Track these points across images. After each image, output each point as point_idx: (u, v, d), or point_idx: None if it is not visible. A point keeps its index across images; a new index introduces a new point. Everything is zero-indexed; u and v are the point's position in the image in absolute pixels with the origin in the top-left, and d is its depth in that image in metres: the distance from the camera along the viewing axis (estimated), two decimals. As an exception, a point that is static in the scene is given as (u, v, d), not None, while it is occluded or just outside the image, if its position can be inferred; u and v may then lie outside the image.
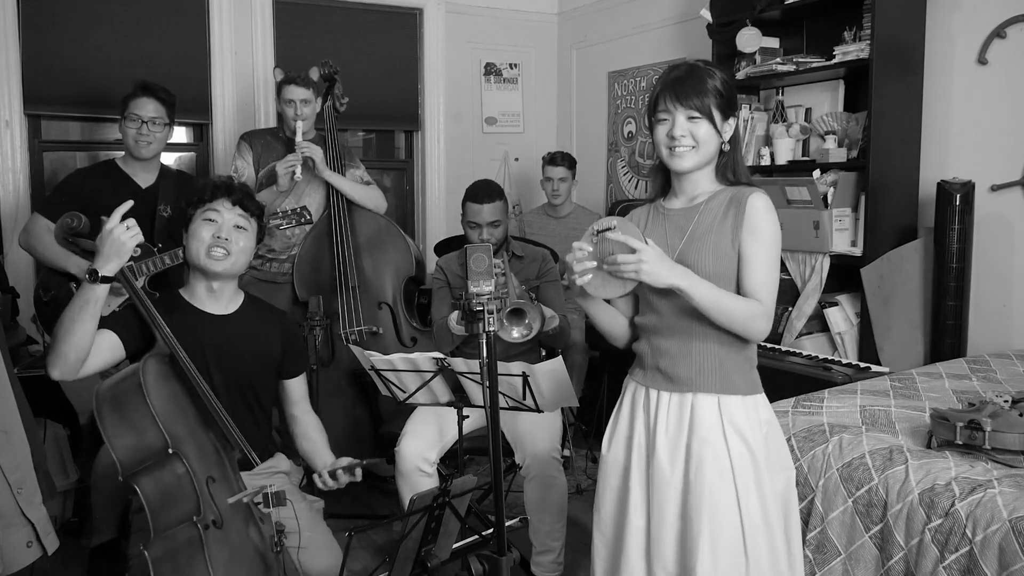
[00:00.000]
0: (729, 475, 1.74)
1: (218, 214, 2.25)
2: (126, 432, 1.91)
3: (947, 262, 3.10)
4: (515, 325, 2.28)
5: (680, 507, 1.78)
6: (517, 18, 5.30)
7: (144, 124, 3.03)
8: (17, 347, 3.32)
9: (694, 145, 1.74)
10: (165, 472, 1.89)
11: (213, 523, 1.89)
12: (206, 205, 2.26)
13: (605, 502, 1.92)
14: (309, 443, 2.38)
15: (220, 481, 1.98)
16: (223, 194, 2.26)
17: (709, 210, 1.78)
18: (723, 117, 1.75)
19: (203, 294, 2.29)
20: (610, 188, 5.15)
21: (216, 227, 2.23)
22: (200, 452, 1.98)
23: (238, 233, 2.26)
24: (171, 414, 1.95)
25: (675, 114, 1.74)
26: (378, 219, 3.60)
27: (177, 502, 1.89)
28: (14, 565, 1.54)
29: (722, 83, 1.75)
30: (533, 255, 3.14)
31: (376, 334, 3.47)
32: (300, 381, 2.45)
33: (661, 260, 1.64)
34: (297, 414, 2.43)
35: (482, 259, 1.74)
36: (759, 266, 1.73)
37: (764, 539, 1.75)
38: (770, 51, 3.70)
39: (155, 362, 2.01)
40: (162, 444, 1.89)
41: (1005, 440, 1.90)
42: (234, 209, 2.27)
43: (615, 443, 1.91)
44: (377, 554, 3.09)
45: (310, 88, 3.46)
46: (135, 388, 1.92)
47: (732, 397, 1.77)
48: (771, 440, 1.81)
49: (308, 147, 3.38)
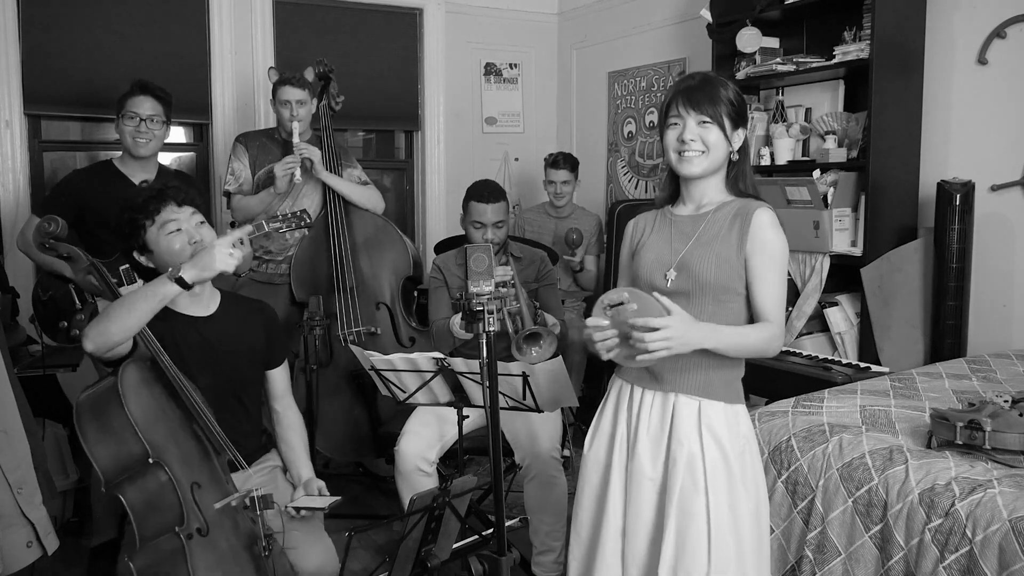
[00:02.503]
0: (701, 480, 1.75)
1: (177, 221, 2.17)
2: (106, 442, 1.88)
3: (947, 262, 3.10)
4: (532, 347, 2.36)
5: (656, 507, 1.79)
6: (517, 18, 5.30)
7: (143, 122, 3.03)
8: (17, 347, 3.32)
9: (704, 150, 1.77)
10: (148, 481, 1.87)
11: (198, 531, 1.87)
12: (156, 219, 2.16)
13: (583, 500, 1.93)
14: (288, 449, 2.36)
15: (207, 486, 1.96)
16: (167, 201, 2.18)
17: (716, 220, 1.80)
18: (733, 126, 1.79)
19: (183, 299, 2.18)
20: (610, 188, 5.15)
21: (185, 235, 2.16)
22: (184, 458, 1.95)
23: (204, 229, 2.20)
24: (151, 422, 1.92)
25: (686, 119, 1.77)
26: (375, 219, 3.59)
27: (161, 511, 1.87)
28: (14, 565, 1.55)
29: (734, 94, 1.80)
30: (531, 257, 3.14)
31: (374, 335, 3.47)
32: (283, 371, 2.41)
33: (686, 326, 1.65)
34: (280, 409, 2.39)
35: (482, 259, 1.74)
36: (770, 283, 1.76)
37: (732, 549, 1.74)
38: (770, 51, 3.70)
39: (134, 369, 1.98)
40: (142, 453, 1.87)
41: (1005, 440, 1.91)
42: (185, 209, 2.19)
43: (597, 441, 1.92)
44: (377, 554, 3.09)
45: (305, 88, 3.45)
46: (113, 397, 1.89)
47: (713, 403, 1.79)
48: (748, 457, 1.81)
49: (306, 148, 3.37)
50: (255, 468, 2.31)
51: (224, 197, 3.59)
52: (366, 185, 3.64)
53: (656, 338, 1.61)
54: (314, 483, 2.26)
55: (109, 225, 2.32)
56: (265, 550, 1.92)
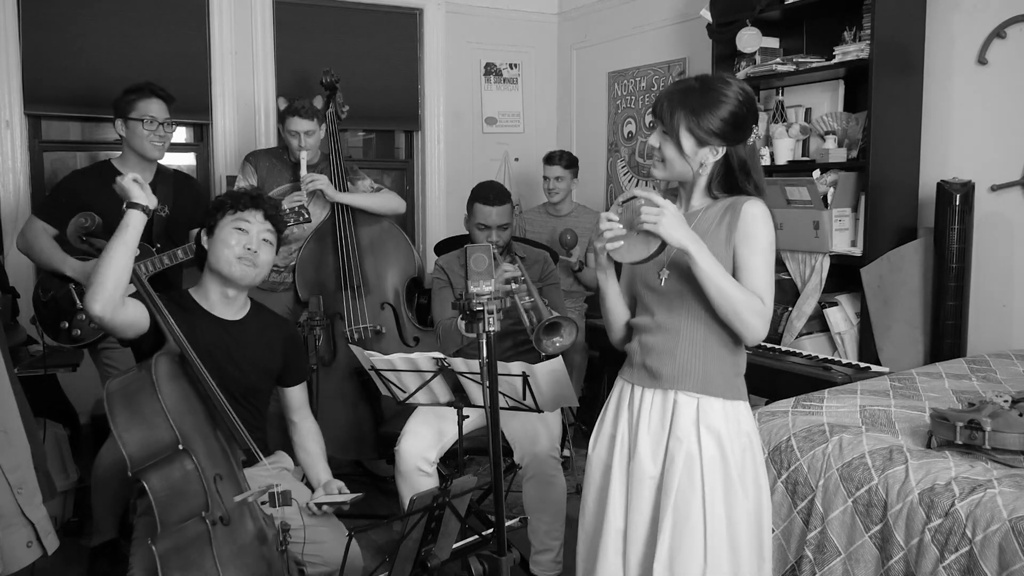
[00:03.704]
0: (698, 478, 1.74)
1: (249, 225, 2.26)
2: (137, 427, 1.92)
3: (947, 262, 3.10)
4: (553, 337, 2.39)
5: (656, 505, 1.79)
6: (517, 18, 5.30)
7: (160, 126, 3.03)
8: (17, 347, 3.32)
9: (662, 159, 1.79)
10: (174, 468, 1.91)
11: (221, 519, 1.91)
12: (237, 213, 2.26)
13: (588, 502, 1.94)
14: (305, 455, 2.43)
15: (227, 479, 1.99)
16: (256, 205, 2.28)
17: (707, 217, 1.80)
18: (698, 143, 1.74)
19: (216, 298, 2.30)
20: (610, 188, 5.15)
21: (246, 238, 2.25)
22: (208, 450, 1.99)
23: (265, 247, 2.29)
24: (181, 411, 1.97)
25: (656, 128, 1.80)
26: (381, 221, 3.60)
27: (185, 498, 1.91)
28: (14, 565, 1.55)
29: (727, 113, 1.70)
30: (535, 257, 3.15)
31: (380, 333, 3.48)
32: (300, 389, 2.47)
33: (679, 220, 1.67)
34: (296, 420, 2.46)
35: (482, 259, 1.74)
36: (754, 271, 1.73)
37: (727, 548, 1.74)
38: (770, 51, 3.70)
39: (166, 360, 2.03)
40: (172, 440, 1.91)
41: (1005, 440, 1.90)
42: (265, 223, 2.29)
43: (600, 442, 1.93)
44: (377, 554, 3.09)
45: (314, 119, 3.45)
46: (147, 384, 1.94)
47: (712, 400, 1.78)
48: (748, 455, 1.80)
49: (313, 180, 3.37)
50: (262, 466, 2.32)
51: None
52: (379, 191, 3.65)
53: (652, 210, 1.65)
54: (333, 484, 2.34)
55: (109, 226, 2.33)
56: (282, 544, 1.93)
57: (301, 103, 3.46)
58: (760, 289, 1.73)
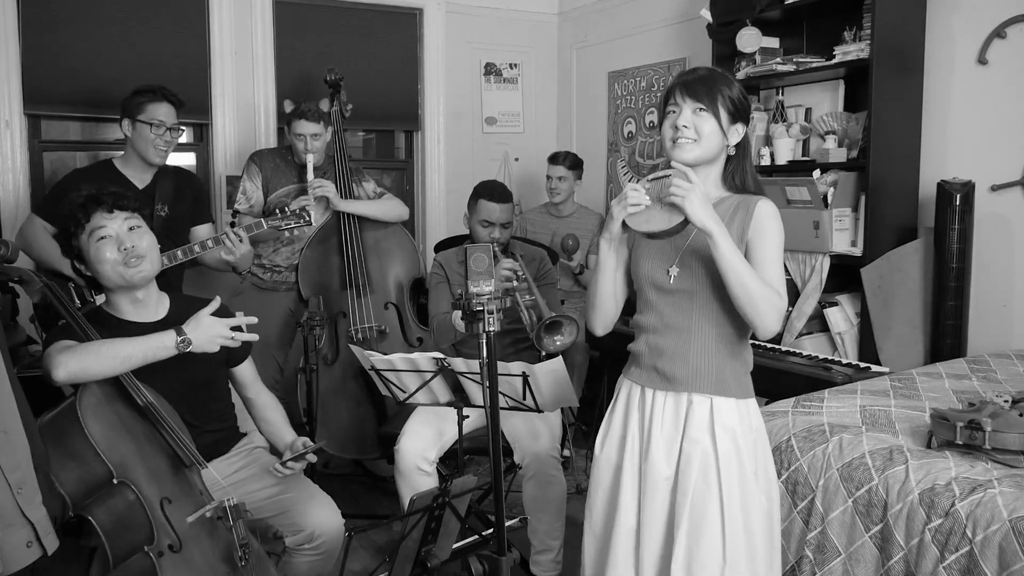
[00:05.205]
0: (715, 477, 1.74)
1: (107, 228, 2.11)
2: (69, 466, 1.85)
3: (947, 262, 3.10)
4: (554, 336, 2.39)
5: (671, 505, 1.79)
6: (517, 18, 5.30)
7: (168, 131, 3.02)
8: (17, 347, 3.31)
9: (696, 138, 1.77)
10: (115, 501, 1.86)
11: (169, 547, 1.87)
12: (87, 227, 2.11)
13: (596, 502, 1.92)
14: (268, 425, 2.38)
15: (178, 499, 1.94)
16: (96, 208, 2.11)
17: (719, 210, 1.79)
18: (731, 120, 1.78)
19: (127, 307, 2.18)
20: (610, 188, 5.15)
21: (114, 241, 2.10)
22: (152, 473, 1.93)
23: (136, 234, 2.14)
24: (113, 440, 1.90)
25: (683, 106, 1.78)
26: (386, 223, 3.60)
27: (131, 529, 1.87)
28: (14, 565, 1.54)
29: (737, 91, 1.80)
30: (531, 255, 3.15)
31: (384, 333, 3.49)
32: (248, 364, 2.39)
33: (706, 202, 1.67)
34: (251, 396, 2.40)
35: (482, 259, 1.74)
36: (770, 265, 1.74)
37: (745, 545, 1.74)
38: (770, 51, 3.70)
39: (94, 387, 1.94)
40: (106, 473, 1.85)
41: (1005, 440, 1.91)
42: (118, 215, 2.13)
43: (608, 443, 1.91)
44: (377, 554, 3.09)
45: (320, 122, 3.44)
46: (73, 420, 1.87)
47: (726, 400, 1.78)
48: (759, 451, 1.81)
49: (320, 186, 3.36)
50: (235, 452, 2.34)
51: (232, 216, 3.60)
52: (383, 196, 3.65)
53: (683, 184, 1.65)
54: (299, 441, 2.27)
55: None
56: (242, 559, 1.91)
57: (308, 106, 3.45)
58: (776, 284, 1.73)
